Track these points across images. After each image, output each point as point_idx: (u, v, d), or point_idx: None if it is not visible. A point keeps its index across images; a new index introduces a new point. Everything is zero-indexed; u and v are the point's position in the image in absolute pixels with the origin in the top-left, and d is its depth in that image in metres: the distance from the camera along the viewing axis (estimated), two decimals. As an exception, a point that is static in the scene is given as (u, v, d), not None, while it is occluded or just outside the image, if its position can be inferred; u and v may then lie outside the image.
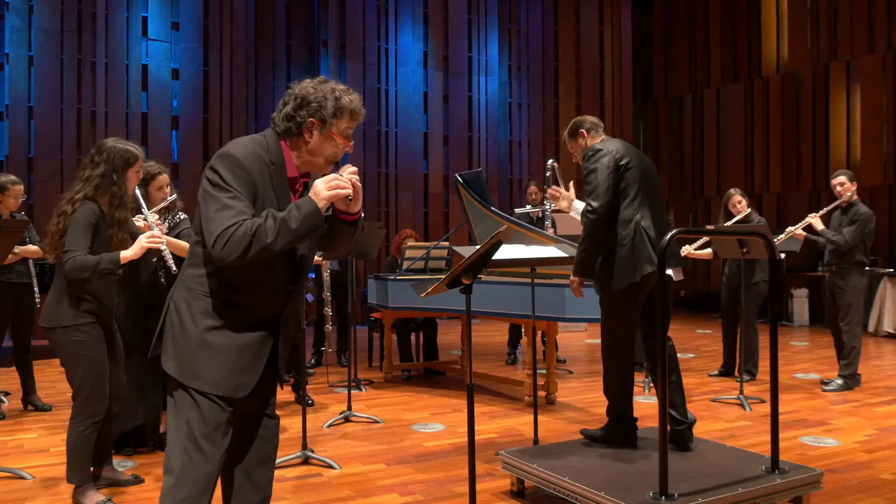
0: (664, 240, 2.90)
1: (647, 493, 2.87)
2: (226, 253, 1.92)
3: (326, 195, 1.98)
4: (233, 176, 1.98)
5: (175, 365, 2.07)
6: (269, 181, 2.05)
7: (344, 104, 2.09)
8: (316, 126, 2.07)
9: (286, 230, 1.93)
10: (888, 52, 10.31)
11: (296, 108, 2.07)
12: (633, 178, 3.62)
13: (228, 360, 2.05)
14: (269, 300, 2.12)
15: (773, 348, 3.19)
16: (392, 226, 10.88)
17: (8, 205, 5.01)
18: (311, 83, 2.11)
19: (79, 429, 3.29)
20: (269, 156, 2.07)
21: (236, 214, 1.93)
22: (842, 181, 5.92)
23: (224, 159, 2.01)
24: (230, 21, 10.46)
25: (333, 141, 2.10)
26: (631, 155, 3.67)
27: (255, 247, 1.91)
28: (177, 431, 2.07)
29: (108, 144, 3.27)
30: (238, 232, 1.91)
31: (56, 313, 3.22)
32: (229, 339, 2.05)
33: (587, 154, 3.69)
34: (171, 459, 2.05)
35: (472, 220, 6.19)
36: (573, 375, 6.74)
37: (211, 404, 2.04)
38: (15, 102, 9.15)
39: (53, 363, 7.39)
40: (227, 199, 1.96)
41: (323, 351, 7.08)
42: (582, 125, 3.89)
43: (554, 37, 12.58)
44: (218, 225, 1.93)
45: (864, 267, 5.92)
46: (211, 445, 2.04)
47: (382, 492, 3.59)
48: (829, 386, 5.91)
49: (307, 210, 1.95)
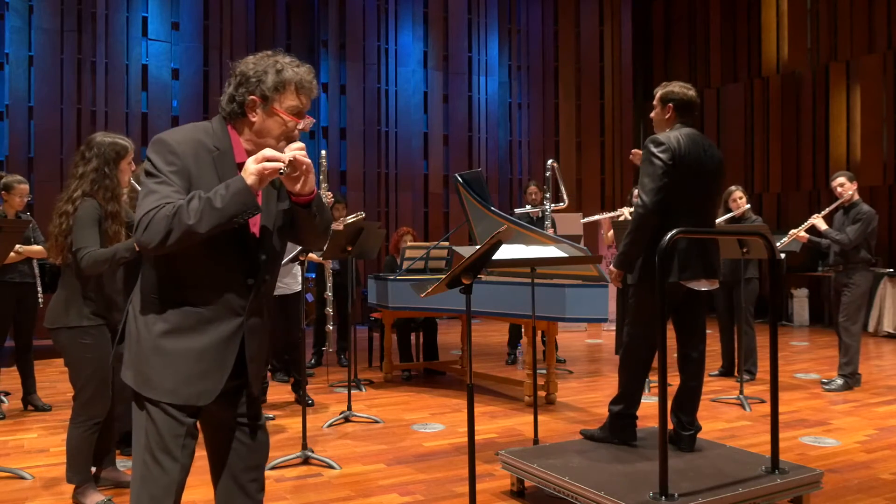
0: (664, 240, 2.90)
1: (647, 493, 2.87)
2: (147, 238, 1.77)
3: (255, 168, 1.79)
4: (164, 161, 1.85)
5: (131, 374, 1.94)
6: (211, 167, 1.89)
7: (287, 77, 1.90)
8: (258, 104, 1.91)
9: (211, 210, 1.75)
10: (888, 52, 10.31)
11: (236, 87, 1.93)
12: (682, 179, 3.47)
13: (186, 366, 1.90)
14: (225, 297, 1.93)
15: (773, 348, 3.19)
16: (392, 226, 10.87)
17: (13, 204, 5.02)
18: (252, 58, 1.96)
19: (79, 429, 3.29)
20: (214, 141, 1.93)
21: (160, 198, 1.80)
22: (841, 182, 5.94)
23: (156, 145, 1.89)
24: (230, 21, 10.46)
25: (279, 118, 1.91)
26: (691, 154, 3.49)
27: (177, 230, 1.75)
28: (136, 443, 1.96)
29: (97, 139, 3.28)
30: (158, 215, 1.76)
31: (61, 314, 3.22)
32: (186, 343, 1.90)
33: (650, 141, 3.53)
34: (133, 471, 1.97)
35: (472, 220, 6.19)
36: (573, 375, 6.74)
37: (165, 417, 1.90)
38: (15, 102, 9.15)
39: (54, 363, 7.39)
40: (154, 184, 1.83)
41: (323, 351, 7.08)
42: (673, 99, 3.65)
43: (554, 37, 12.58)
44: (140, 210, 1.81)
45: (869, 265, 5.94)
46: (169, 458, 1.91)
47: (382, 492, 3.59)
48: (829, 385, 5.91)
49: (236, 188, 1.77)
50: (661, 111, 3.71)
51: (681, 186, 3.49)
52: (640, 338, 3.65)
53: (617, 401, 3.71)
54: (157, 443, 1.91)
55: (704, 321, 3.77)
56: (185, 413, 1.93)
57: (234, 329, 1.96)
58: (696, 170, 3.53)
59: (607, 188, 12.34)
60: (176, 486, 1.94)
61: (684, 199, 3.51)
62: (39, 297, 5.40)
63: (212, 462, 2.11)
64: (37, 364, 5.54)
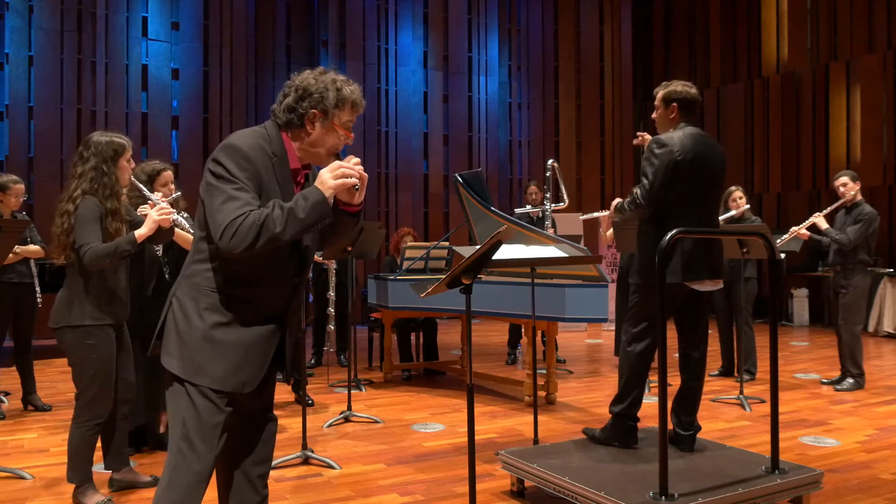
0: (664, 240, 2.90)
1: (647, 493, 2.87)
2: (234, 244, 1.90)
3: (333, 184, 1.97)
4: (238, 167, 1.97)
5: (179, 362, 2.03)
6: (272, 173, 2.04)
7: (346, 95, 2.07)
8: (318, 117, 2.06)
9: (294, 220, 1.91)
10: (888, 52, 10.31)
11: (297, 100, 2.06)
12: (688, 179, 3.48)
13: (236, 356, 2.03)
14: (275, 294, 2.10)
15: (773, 348, 3.19)
16: (392, 226, 10.88)
17: (9, 204, 5.02)
18: (311, 74, 2.10)
19: (81, 429, 3.29)
20: (272, 148, 2.06)
21: (244, 205, 1.92)
22: (844, 181, 5.92)
23: (228, 151, 1.99)
24: (230, 21, 10.46)
25: (335, 132, 2.08)
26: (696, 153, 3.49)
27: (264, 237, 1.89)
28: (173, 432, 2.05)
29: (95, 139, 3.30)
30: (246, 222, 1.89)
31: (65, 313, 3.22)
32: (237, 334, 2.03)
33: (654, 142, 3.53)
34: (167, 460, 2.05)
35: (472, 220, 6.19)
36: (573, 375, 6.74)
37: (208, 404, 2.01)
38: (15, 102, 9.16)
39: (53, 363, 7.39)
40: (232, 190, 1.94)
41: (324, 351, 7.08)
42: (677, 99, 3.64)
43: (554, 37, 12.58)
44: (225, 216, 1.91)
45: (867, 266, 5.94)
46: (205, 445, 2.01)
47: (382, 492, 3.59)
48: (840, 385, 5.92)
49: (314, 199, 1.93)
50: (664, 111, 3.69)
51: (687, 187, 3.49)
52: (641, 337, 3.64)
53: (617, 401, 3.69)
54: (196, 429, 2.01)
55: (707, 322, 3.77)
56: (224, 402, 2.04)
57: (277, 323, 2.12)
58: (702, 169, 3.53)
59: (607, 188, 12.33)
60: (207, 474, 2.03)
61: (690, 200, 3.51)
62: (38, 298, 5.40)
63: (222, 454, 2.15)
64: (37, 364, 5.54)
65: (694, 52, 13.09)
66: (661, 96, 3.70)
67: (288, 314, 2.15)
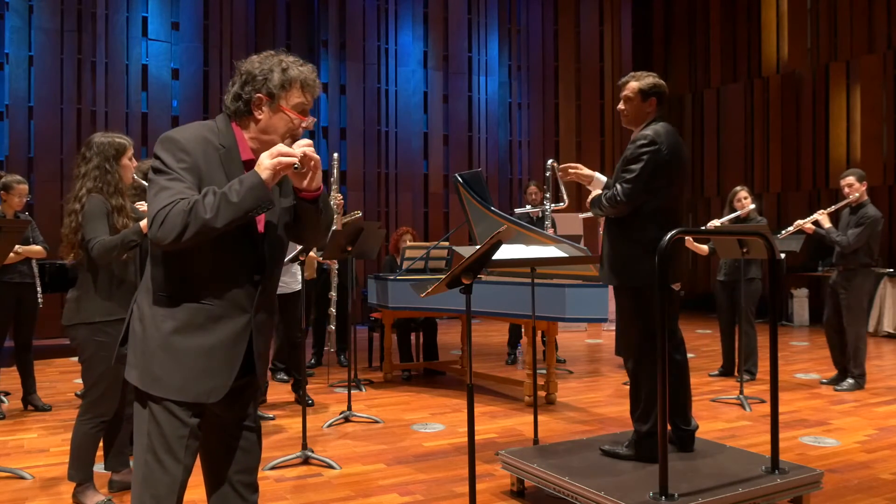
0: (664, 239, 2.89)
1: (647, 493, 2.87)
2: (162, 234, 1.78)
3: (269, 163, 1.82)
4: (174, 158, 1.87)
5: (137, 373, 1.93)
6: (218, 165, 1.92)
7: (293, 75, 1.94)
8: (264, 101, 1.94)
9: (227, 205, 1.77)
10: (888, 52, 10.30)
11: (242, 85, 1.95)
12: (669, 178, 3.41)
13: (195, 363, 1.90)
14: (233, 293, 1.94)
15: (773, 348, 3.19)
16: (392, 226, 10.87)
17: (12, 204, 5.03)
18: (257, 57, 1.98)
19: (85, 426, 3.31)
20: (220, 139, 1.95)
21: (174, 194, 1.81)
22: (850, 182, 5.89)
23: (165, 143, 1.90)
24: (230, 21, 10.46)
25: (285, 116, 1.95)
26: (676, 151, 3.41)
27: (194, 225, 1.77)
28: (137, 444, 1.96)
29: (96, 139, 3.37)
30: (174, 210, 1.78)
31: (78, 311, 3.28)
32: (195, 340, 1.90)
33: (642, 138, 3.39)
34: (134, 472, 1.97)
35: (472, 220, 6.19)
36: (573, 375, 6.74)
37: (169, 417, 1.91)
38: (15, 102, 9.15)
39: (54, 363, 7.39)
40: (165, 181, 1.85)
41: (324, 351, 7.08)
42: (657, 93, 3.51)
43: (554, 37, 12.57)
44: (154, 206, 1.82)
45: (869, 268, 5.92)
46: (172, 458, 1.91)
47: (382, 492, 3.59)
48: (840, 385, 5.92)
49: (250, 182, 1.80)
50: (641, 104, 3.52)
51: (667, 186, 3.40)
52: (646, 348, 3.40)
53: (644, 418, 3.37)
54: (160, 443, 1.91)
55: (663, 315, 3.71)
56: (189, 413, 1.93)
57: (242, 326, 1.97)
58: (679, 168, 3.45)
59: (607, 188, 12.32)
60: (178, 486, 1.94)
61: (672, 198, 3.44)
62: (39, 298, 5.40)
63: (205, 463, 2.11)
64: (37, 364, 5.54)
65: (694, 52, 13.09)
66: (639, 88, 3.52)
67: (255, 316, 1.99)
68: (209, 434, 2.06)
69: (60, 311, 3.47)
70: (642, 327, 3.41)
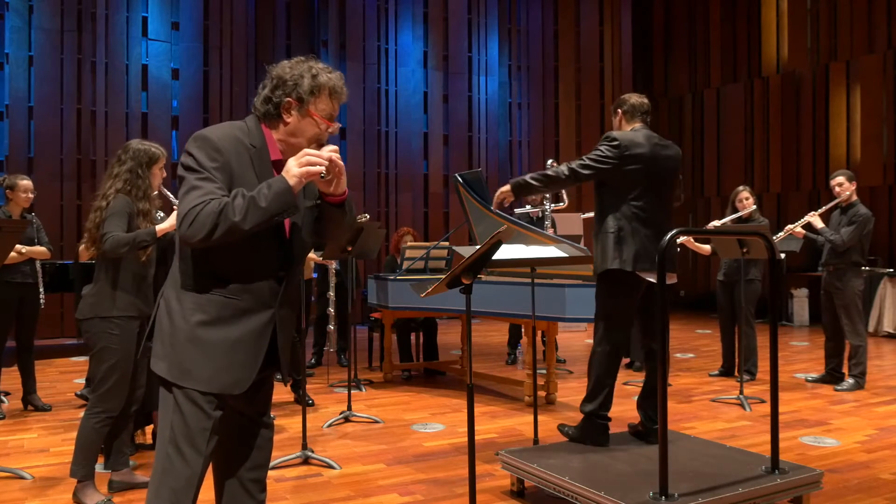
0: (664, 239, 2.90)
1: (647, 493, 2.87)
2: (191, 233, 1.85)
3: (297, 171, 1.89)
4: (207, 157, 1.93)
5: (165, 365, 1.98)
6: (249, 165, 1.98)
7: (322, 81, 2.03)
8: (294, 105, 2.01)
9: (255, 208, 1.85)
10: (888, 52, 10.31)
11: (273, 89, 2.02)
12: (639, 174, 3.64)
13: (223, 356, 1.96)
14: (259, 289, 2.01)
15: (773, 348, 3.19)
16: (392, 226, 10.88)
17: (19, 201, 5.04)
18: (288, 63, 2.06)
19: (92, 421, 3.33)
20: (250, 139, 2.01)
21: (205, 194, 1.87)
22: (840, 181, 5.95)
23: (198, 141, 1.95)
24: (230, 21, 10.46)
25: (313, 121, 2.03)
26: (647, 150, 3.67)
27: (223, 226, 1.84)
28: (160, 435, 2.01)
29: (134, 145, 3.52)
30: (205, 211, 1.84)
31: (94, 305, 3.34)
32: (222, 333, 1.96)
33: (604, 136, 3.73)
34: (155, 464, 2.00)
35: (472, 220, 6.19)
36: (573, 375, 6.74)
37: (195, 409, 1.95)
38: (15, 102, 9.16)
39: (54, 363, 7.39)
40: (196, 180, 1.90)
41: (324, 351, 7.08)
42: (622, 106, 3.92)
43: (554, 37, 12.58)
44: (185, 205, 1.87)
45: (860, 267, 5.95)
46: (193, 451, 1.95)
47: (382, 492, 3.59)
48: (841, 385, 5.92)
49: (278, 188, 1.87)
50: (615, 119, 3.97)
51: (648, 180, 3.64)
52: (607, 338, 3.71)
53: (587, 400, 3.72)
54: (183, 434, 1.96)
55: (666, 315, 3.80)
56: (213, 405, 1.98)
57: (266, 320, 2.03)
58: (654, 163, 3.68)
59: (607, 188, 12.32)
60: (197, 480, 1.98)
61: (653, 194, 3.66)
62: (41, 298, 5.40)
63: (217, 460, 2.13)
64: (37, 364, 5.54)
65: (694, 52, 13.09)
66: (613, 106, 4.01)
67: (278, 311, 2.06)
68: (226, 430, 2.10)
69: (61, 311, 3.51)
70: (600, 313, 3.75)
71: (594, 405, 3.68)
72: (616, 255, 3.60)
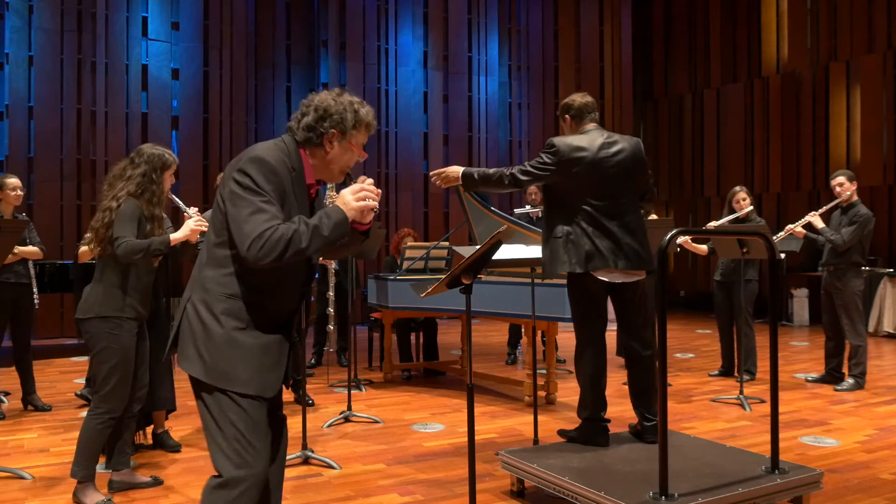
0: (664, 240, 2.89)
1: (647, 493, 2.86)
2: (262, 255, 1.96)
3: (356, 206, 2.07)
4: (265, 180, 2.03)
5: (201, 368, 2.05)
6: (291, 186, 2.12)
7: (362, 117, 2.20)
8: (336, 137, 2.16)
9: (318, 236, 2.00)
10: (888, 52, 10.31)
11: (317, 119, 2.15)
12: (584, 176, 3.62)
13: (256, 360, 2.07)
14: (286, 302, 2.18)
15: (773, 348, 3.19)
16: (392, 226, 10.88)
17: (9, 200, 5.01)
18: (329, 95, 2.19)
19: (94, 422, 3.32)
20: (291, 162, 2.13)
21: (271, 218, 1.99)
22: (840, 181, 5.95)
23: (256, 163, 2.05)
24: (230, 21, 10.46)
25: (352, 152, 2.21)
26: (589, 153, 3.64)
27: (291, 251, 1.98)
28: (223, 436, 2.04)
29: (147, 150, 3.52)
30: (275, 235, 1.96)
31: (94, 304, 3.34)
32: (254, 338, 2.08)
33: (546, 142, 3.74)
34: (224, 467, 2.02)
35: (471, 221, 6.19)
36: (573, 375, 6.73)
37: (251, 400, 2.05)
38: (15, 102, 9.16)
39: (54, 363, 7.39)
40: (260, 202, 2.00)
41: (324, 351, 7.08)
42: (568, 111, 3.85)
43: (554, 37, 12.58)
44: (253, 228, 1.97)
45: (860, 267, 5.94)
46: (261, 442, 2.07)
47: (382, 492, 3.59)
48: (840, 386, 5.92)
49: (337, 219, 2.04)
50: (563, 125, 3.92)
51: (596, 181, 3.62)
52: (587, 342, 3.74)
53: (581, 407, 3.76)
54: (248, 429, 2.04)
55: (644, 314, 3.80)
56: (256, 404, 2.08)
57: (286, 328, 2.20)
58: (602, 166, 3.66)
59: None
60: (267, 471, 2.09)
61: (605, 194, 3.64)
62: (35, 298, 5.40)
63: None
64: (37, 364, 5.54)
65: (694, 52, 13.09)
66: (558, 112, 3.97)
67: (293, 321, 2.24)
68: None
69: (61, 311, 3.50)
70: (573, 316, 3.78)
71: (588, 410, 3.72)
72: (566, 259, 3.60)
